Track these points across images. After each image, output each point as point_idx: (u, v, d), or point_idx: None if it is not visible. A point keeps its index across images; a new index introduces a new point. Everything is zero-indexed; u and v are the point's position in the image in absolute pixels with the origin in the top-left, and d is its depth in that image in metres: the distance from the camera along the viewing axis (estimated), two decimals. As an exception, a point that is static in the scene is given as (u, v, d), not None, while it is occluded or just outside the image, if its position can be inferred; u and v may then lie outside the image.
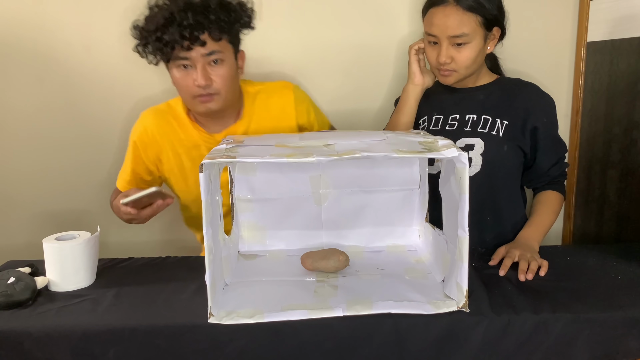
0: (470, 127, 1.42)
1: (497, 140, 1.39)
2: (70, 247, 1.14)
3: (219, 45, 1.29)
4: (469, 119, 1.43)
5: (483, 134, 1.40)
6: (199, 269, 1.11)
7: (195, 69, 1.28)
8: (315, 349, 1.00)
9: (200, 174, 0.95)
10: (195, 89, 1.30)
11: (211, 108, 1.34)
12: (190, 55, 1.27)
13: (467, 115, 1.44)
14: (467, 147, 1.40)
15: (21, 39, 1.66)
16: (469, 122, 1.43)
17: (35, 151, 1.75)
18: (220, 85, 1.31)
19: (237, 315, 1.00)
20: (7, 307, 1.05)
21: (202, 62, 1.28)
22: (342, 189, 1.34)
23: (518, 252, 1.22)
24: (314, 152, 0.98)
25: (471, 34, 1.32)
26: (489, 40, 1.38)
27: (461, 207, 0.99)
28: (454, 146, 1.00)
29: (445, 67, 1.37)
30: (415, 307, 1.02)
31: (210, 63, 1.30)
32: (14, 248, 1.67)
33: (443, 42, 1.34)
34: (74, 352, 0.99)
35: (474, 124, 1.42)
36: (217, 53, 1.29)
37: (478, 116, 1.42)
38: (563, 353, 1.01)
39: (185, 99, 1.36)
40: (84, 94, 1.71)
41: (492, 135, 1.39)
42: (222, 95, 1.33)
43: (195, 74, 1.28)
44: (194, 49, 1.26)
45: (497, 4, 1.36)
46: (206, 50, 1.27)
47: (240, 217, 1.34)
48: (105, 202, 1.78)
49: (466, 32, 1.32)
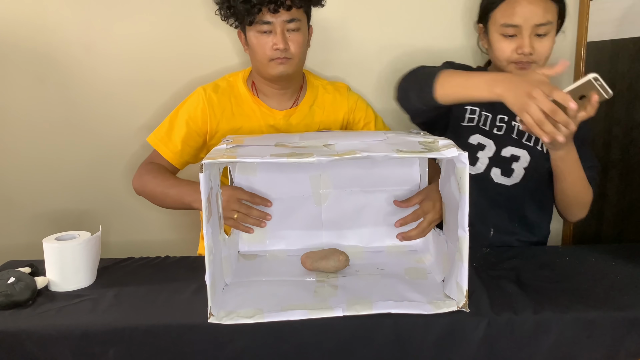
0: (516, 135, 1.37)
1: (542, 157, 1.35)
2: (71, 247, 1.14)
3: (298, 12, 1.38)
4: (514, 125, 1.38)
5: (529, 148, 1.36)
6: (199, 269, 1.11)
7: (275, 34, 1.36)
8: (315, 349, 1.00)
9: (200, 174, 0.95)
10: (273, 52, 1.37)
11: (284, 71, 1.40)
12: (273, 19, 1.35)
13: (514, 121, 1.38)
14: (512, 157, 1.37)
15: (21, 39, 1.66)
16: (514, 128, 1.37)
17: (35, 151, 1.75)
18: (296, 51, 1.39)
19: (237, 316, 1.00)
20: (7, 307, 1.05)
21: (281, 27, 1.36)
22: (342, 189, 1.34)
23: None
24: (314, 152, 0.98)
25: (553, 23, 1.29)
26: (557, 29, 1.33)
27: (461, 207, 0.99)
28: (454, 146, 1.00)
29: (525, 60, 1.29)
30: (415, 307, 1.02)
31: (289, 30, 1.37)
32: (14, 248, 1.67)
33: (525, 32, 1.28)
34: (74, 352, 0.99)
35: (520, 132, 1.36)
36: (296, 21, 1.37)
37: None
38: (563, 353, 1.00)
39: (261, 62, 1.41)
40: (84, 94, 1.71)
41: (538, 150, 1.36)
42: (295, 60, 1.41)
43: (275, 38, 1.36)
44: (279, 12, 1.34)
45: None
46: (288, 16, 1.36)
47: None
48: (105, 202, 1.78)
49: (550, 20, 1.27)
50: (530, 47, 1.27)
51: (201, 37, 1.68)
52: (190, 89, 1.68)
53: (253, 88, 1.51)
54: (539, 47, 1.28)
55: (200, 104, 1.46)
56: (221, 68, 1.69)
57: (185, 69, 1.69)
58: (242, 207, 1.27)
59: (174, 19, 1.66)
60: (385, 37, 1.72)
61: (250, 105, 1.50)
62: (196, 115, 1.47)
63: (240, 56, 1.70)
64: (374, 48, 1.72)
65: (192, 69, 1.69)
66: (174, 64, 1.69)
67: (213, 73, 1.69)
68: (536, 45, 1.28)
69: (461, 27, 1.70)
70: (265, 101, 1.50)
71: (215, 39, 1.68)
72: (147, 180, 1.41)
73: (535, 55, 1.29)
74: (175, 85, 1.70)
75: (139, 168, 1.46)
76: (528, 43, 1.27)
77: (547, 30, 1.28)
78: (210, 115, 1.47)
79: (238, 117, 1.49)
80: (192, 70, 1.70)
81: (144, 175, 1.42)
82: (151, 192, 1.41)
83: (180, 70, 1.69)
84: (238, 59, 1.70)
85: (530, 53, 1.28)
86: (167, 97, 1.71)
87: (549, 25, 1.27)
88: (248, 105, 1.50)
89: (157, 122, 1.70)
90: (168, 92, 1.71)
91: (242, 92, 1.50)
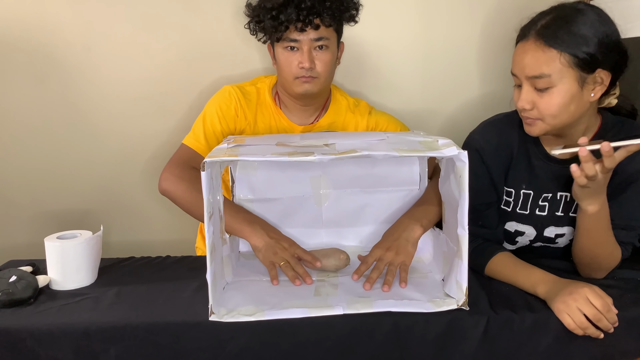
0: (562, 212, 1.20)
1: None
2: (72, 245, 1.14)
3: (327, 31, 1.35)
4: (561, 197, 1.20)
5: (574, 221, 1.15)
6: (199, 269, 1.11)
7: (301, 51, 1.34)
8: (315, 347, 1.01)
9: (202, 173, 0.96)
10: (298, 70, 1.35)
11: (309, 90, 1.38)
12: (300, 37, 1.33)
13: (560, 193, 1.20)
14: (556, 235, 1.23)
15: (21, 38, 1.66)
16: (561, 202, 1.20)
17: (35, 151, 1.75)
18: (322, 70, 1.37)
19: (238, 313, 1.01)
20: (8, 306, 1.06)
21: (308, 45, 1.34)
22: (342, 189, 1.34)
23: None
24: (316, 151, 0.99)
25: (555, 76, 1.05)
26: (588, 84, 1.07)
27: (461, 205, 1.00)
28: (454, 145, 1.00)
29: (527, 115, 1.12)
30: (415, 306, 1.02)
31: (316, 48, 1.35)
32: (16, 248, 1.67)
33: (524, 83, 1.10)
34: (76, 350, 0.99)
35: (566, 205, 1.19)
36: (324, 39, 1.35)
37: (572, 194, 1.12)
38: (562, 352, 1.01)
39: (287, 78, 1.39)
40: (84, 94, 1.71)
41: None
42: (320, 79, 1.38)
43: (301, 56, 1.34)
44: (306, 31, 1.32)
45: (601, 39, 1.05)
46: (316, 35, 1.33)
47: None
48: (106, 201, 1.78)
49: (546, 72, 1.05)
50: (527, 102, 1.09)
51: (202, 38, 1.68)
52: (190, 89, 1.70)
53: (277, 98, 1.49)
54: (540, 102, 1.08)
55: (233, 102, 1.44)
56: (225, 71, 1.70)
57: (187, 70, 1.69)
58: (292, 259, 1.20)
59: (174, 18, 1.66)
60: (385, 37, 1.72)
61: (273, 115, 1.48)
62: (229, 112, 1.44)
63: (245, 59, 1.70)
64: (374, 48, 1.73)
65: (193, 69, 1.69)
66: (174, 64, 1.69)
67: (216, 75, 1.70)
68: (536, 100, 1.09)
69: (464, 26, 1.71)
70: (286, 114, 1.49)
71: (216, 39, 1.68)
72: (185, 188, 1.30)
73: (537, 111, 1.10)
74: (176, 85, 1.70)
75: (171, 168, 1.34)
76: (523, 97, 1.10)
77: (546, 84, 1.06)
78: (241, 115, 1.45)
79: (260, 125, 1.48)
80: (193, 71, 1.70)
81: (183, 182, 1.31)
82: (187, 202, 1.30)
83: (181, 70, 1.70)
84: (240, 62, 1.70)
85: (526, 108, 1.10)
86: (168, 97, 1.71)
87: (545, 79, 1.06)
88: (270, 114, 1.48)
89: (157, 122, 1.72)
90: (168, 92, 1.71)
91: (268, 101, 1.48)
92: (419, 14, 1.70)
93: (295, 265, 1.18)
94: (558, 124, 1.10)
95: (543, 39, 1.06)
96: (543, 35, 1.06)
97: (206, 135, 1.41)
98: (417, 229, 1.24)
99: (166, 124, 1.73)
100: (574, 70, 1.05)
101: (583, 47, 1.04)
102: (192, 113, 1.63)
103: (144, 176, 1.76)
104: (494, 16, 1.69)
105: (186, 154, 1.39)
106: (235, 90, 1.45)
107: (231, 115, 1.44)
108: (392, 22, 1.71)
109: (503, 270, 1.14)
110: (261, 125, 1.47)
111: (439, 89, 1.76)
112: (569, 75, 1.06)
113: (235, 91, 1.45)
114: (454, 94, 1.77)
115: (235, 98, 1.44)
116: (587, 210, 1.06)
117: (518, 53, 1.11)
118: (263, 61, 1.69)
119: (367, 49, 1.72)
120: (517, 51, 1.12)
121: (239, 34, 1.64)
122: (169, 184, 1.32)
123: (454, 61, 1.73)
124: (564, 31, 1.05)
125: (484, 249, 1.19)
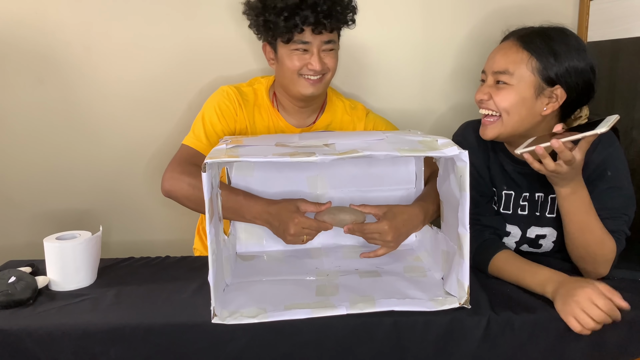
0: (539, 212, 1.25)
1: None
2: (71, 246, 1.14)
3: (333, 34, 1.37)
4: (538, 198, 1.25)
5: (554, 222, 1.23)
6: (199, 269, 1.11)
7: (311, 53, 1.34)
8: (316, 347, 1.00)
9: (203, 174, 0.95)
10: (305, 70, 1.35)
11: (315, 92, 1.38)
12: (312, 39, 1.32)
13: (537, 193, 1.25)
14: (537, 237, 1.27)
15: (21, 39, 1.66)
16: (538, 203, 1.25)
17: (35, 151, 1.74)
18: (330, 72, 1.39)
19: (241, 315, 1.00)
20: (7, 307, 1.05)
21: (318, 48, 1.34)
22: (339, 188, 1.34)
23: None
24: (316, 152, 0.98)
25: (516, 76, 1.13)
26: (544, 96, 1.14)
27: (462, 204, 1.00)
28: (454, 145, 1.00)
29: (485, 106, 1.18)
30: (417, 305, 1.02)
31: (324, 50, 1.35)
32: (15, 248, 1.67)
33: (487, 78, 1.19)
34: (75, 351, 0.99)
35: (542, 206, 1.25)
36: (333, 42, 1.36)
37: (545, 194, 1.24)
38: (562, 352, 1.01)
39: (290, 79, 1.38)
40: (84, 94, 1.71)
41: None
42: (326, 81, 1.40)
43: (312, 58, 1.34)
44: (321, 34, 1.32)
45: (572, 64, 1.12)
46: (327, 37, 1.34)
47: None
48: (106, 202, 1.78)
49: (511, 70, 1.13)
50: (485, 93, 1.18)
51: (202, 38, 1.68)
52: (190, 89, 1.70)
53: (274, 100, 1.49)
54: (496, 94, 1.16)
55: (232, 102, 1.44)
56: (222, 71, 1.70)
57: (187, 70, 1.69)
58: (311, 226, 1.21)
59: (174, 19, 1.66)
60: (385, 37, 1.72)
61: (270, 116, 1.48)
62: (229, 112, 1.43)
63: (241, 59, 1.70)
64: (372, 48, 1.73)
65: (193, 69, 1.69)
66: (174, 64, 1.69)
67: (215, 74, 1.69)
68: (493, 92, 1.16)
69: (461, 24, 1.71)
70: (284, 116, 1.48)
71: (215, 39, 1.68)
72: (189, 182, 1.27)
73: (492, 103, 1.17)
74: (176, 85, 1.70)
75: (173, 168, 1.31)
76: (483, 88, 1.19)
77: (506, 80, 1.14)
78: (240, 115, 1.45)
79: (258, 126, 1.47)
80: (193, 71, 1.69)
81: (186, 177, 1.28)
82: (193, 196, 1.26)
83: (181, 70, 1.69)
84: (240, 62, 1.70)
85: (483, 99, 1.18)
86: (168, 97, 1.71)
87: (506, 75, 1.13)
88: (268, 116, 1.48)
89: (156, 122, 1.71)
90: (168, 92, 1.71)
91: (265, 102, 1.48)
92: (418, 14, 1.70)
93: (315, 229, 1.20)
94: (510, 124, 1.15)
95: (520, 42, 1.15)
96: (522, 38, 1.16)
97: (207, 134, 1.40)
98: (418, 229, 1.28)
99: (165, 123, 1.72)
100: (536, 78, 1.13)
101: (552, 60, 1.12)
102: (192, 112, 1.63)
103: (143, 176, 1.76)
104: (493, 17, 1.69)
105: (187, 154, 1.37)
106: (233, 90, 1.45)
107: (230, 114, 1.43)
108: (392, 22, 1.71)
109: (508, 268, 1.14)
110: (259, 126, 1.47)
111: (434, 90, 1.76)
112: (529, 80, 1.13)
113: (233, 91, 1.45)
114: (449, 95, 1.76)
115: (234, 98, 1.44)
116: (561, 192, 1.10)
117: (493, 51, 1.20)
118: (262, 62, 1.69)
119: (366, 49, 1.72)
120: (493, 50, 1.20)
121: (238, 34, 1.64)
122: (172, 182, 1.29)
123: (452, 62, 1.73)
124: (542, 41, 1.14)
125: (487, 245, 1.20)
